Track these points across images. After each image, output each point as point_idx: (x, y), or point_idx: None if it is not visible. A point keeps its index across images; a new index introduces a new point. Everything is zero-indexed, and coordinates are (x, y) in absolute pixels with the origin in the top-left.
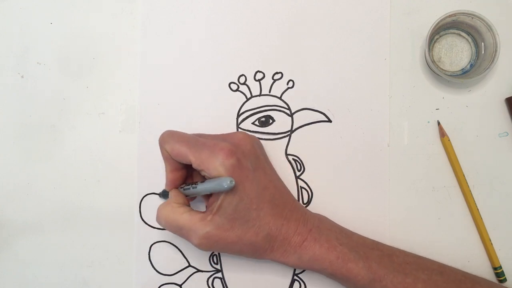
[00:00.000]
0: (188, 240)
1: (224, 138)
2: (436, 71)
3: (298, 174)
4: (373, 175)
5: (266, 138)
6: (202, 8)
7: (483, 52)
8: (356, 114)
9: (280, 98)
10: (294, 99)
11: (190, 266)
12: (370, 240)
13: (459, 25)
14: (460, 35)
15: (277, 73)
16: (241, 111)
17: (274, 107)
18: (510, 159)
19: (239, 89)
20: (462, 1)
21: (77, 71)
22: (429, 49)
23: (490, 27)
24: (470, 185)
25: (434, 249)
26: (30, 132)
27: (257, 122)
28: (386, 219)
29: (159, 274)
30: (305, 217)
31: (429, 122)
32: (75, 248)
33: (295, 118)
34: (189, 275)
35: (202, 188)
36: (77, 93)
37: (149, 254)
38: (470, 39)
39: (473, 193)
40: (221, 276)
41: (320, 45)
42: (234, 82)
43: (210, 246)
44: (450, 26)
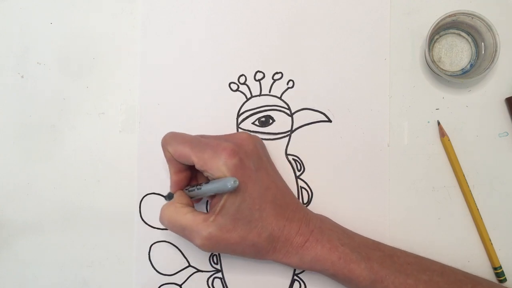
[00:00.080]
0: (190, 241)
1: (226, 138)
2: (436, 71)
3: (298, 174)
4: (373, 175)
5: (266, 138)
6: (202, 8)
7: (483, 52)
8: (356, 114)
9: (280, 98)
10: (294, 99)
11: (190, 266)
12: (371, 240)
13: (459, 25)
14: (460, 35)
15: (277, 73)
16: (241, 111)
17: (274, 107)
18: (510, 159)
19: (239, 89)
20: (462, 1)
21: (77, 71)
22: (429, 49)
23: (490, 27)
24: (470, 185)
25: (434, 249)
26: (30, 132)
27: (257, 122)
28: (386, 219)
29: (159, 274)
30: (307, 217)
31: (429, 122)
32: (75, 248)
33: (295, 118)
34: (189, 275)
35: (206, 189)
36: (77, 93)
37: (149, 254)
38: (470, 39)
39: (473, 193)
40: (221, 276)
41: (320, 45)
42: (234, 82)
43: (212, 247)
44: (450, 26)
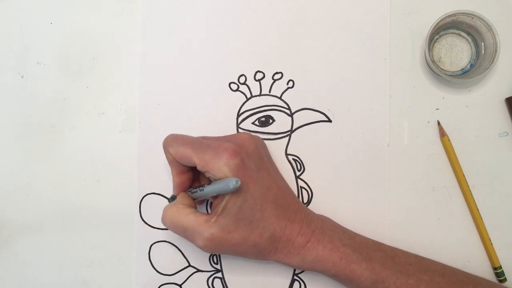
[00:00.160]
0: (192, 242)
1: (228, 139)
2: (436, 71)
3: (298, 174)
4: (373, 175)
5: (266, 138)
6: (202, 8)
7: (483, 52)
8: (356, 114)
9: (280, 98)
10: (294, 99)
11: (190, 266)
12: (372, 241)
13: (459, 25)
14: (460, 35)
15: (277, 73)
16: (241, 111)
17: (274, 107)
18: (510, 159)
19: (239, 89)
20: (462, 1)
21: (77, 71)
22: (429, 49)
23: (490, 27)
24: (470, 185)
25: (434, 249)
26: (30, 132)
27: (257, 122)
28: (386, 219)
29: (159, 274)
30: (308, 218)
31: (429, 122)
32: (75, 248)
33: (295, 118)
34: (189, 275)
35: (209, 189)
36: (77, 93)
37: (149, 254)
38: (470, 39)
39: (473, 193)
40: (221, 276)
41: (320, 45)
42: (234, 82)
43: (215, 248)
44: (450, 26)
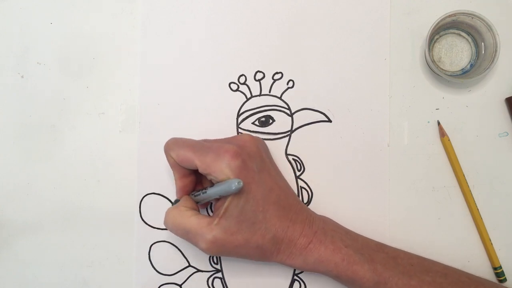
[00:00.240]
0: (195, 244)
1: (229, 141)
2: (436, 71)
3: (298, 174)
4: (373, 175)
5: (266, 138)
6: (202, 8)
7: (483, 52)
8: (356, 114)
9: (280, 98)
10: (294, 99)
11: (190, 266)
12: (374, 242)
13: (459, 25)
14: (460, 35)
15: (277, 73)
16: (241, 111)
17: (274, 107)
18: (510, 159)
19: (239, 89)
20: (462, 1)
21: (77, 71)
22: (429, 49)
23: (490, 27)
24: (470, 185)
25: (434, 249)
26: (30, 132)
27: (257, 122)
28: (386, 219)
29: (159, 274)
30: (310, 219)
31: (429, 122)
32: (75, 248)
33: (295, 118)
34: (189, 275)
35: (212, 192)
36: (77, 93)
37: (149, 254)
38: (470, 39)
39: (473, 193)
40: (221, 276)
41: (320, 45)
42: (234, 82)
43: (217, 250)
44: (450, 26)
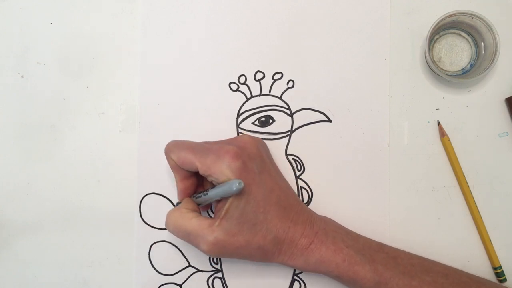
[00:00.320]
0: (196, 246)
1: (229, 142)
2: (436, 71)
3: (298, 174)
4: (373, 175)
5: (266, 138)
6: (202, 8)
7: (483, 52)
8: (356, 114)
9: (280, 98)
10: (294, 99)
11: (190, 266)
12: (375, 242)
13: (459, 25)
14: (460, 35)
15: (277, 73)
16: (241, 111)
17: (274, 107)
18: (510, 159)
19: (239, 89)
20: (462, 1)
21: (77, 71)
22: (429, 49)
23: (490, 27)
24: (470, 185)
25: (434, 249)
26: (30, 132)
27: (257, 122)
28: (386, 219)
29: (159, 274)
30: (311, 219)
31: (429, 122)
32: (75, 248)
33: (295, 118)
34: (189, 275)
35: (213, 193)
36: (77, 93)
37: (149, 254)
38: (470, 39)
39: (473, 193)
40: (221, 276)
41: (320, 45)
42: (234, 82)
43: (219, 252)
44: (450, 26)
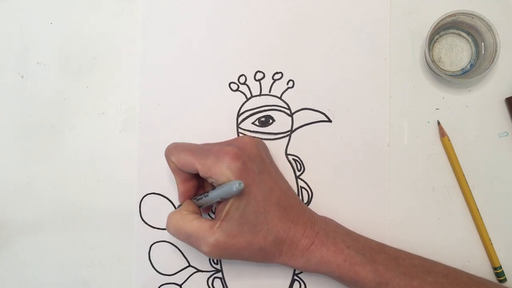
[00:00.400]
0: (197, 248)
1: (229, 143)
2: (436, 71)
3: (298, 174)
4: (373, 175)
5: (266, 138)
6: (202, 8)
7: (483, 52)
8: (356, 114)
9: (280, 98)
10: (294, 99)
11: (190, 266)
12: (376, 242)
13: (459, 25)
14: (460, 35)
15: (277, 73)
16: (241, 111)
17: (274, 107)
18: (510, 159)
19: (239, 89)
20: (462, 1)
21: (77, 71)
22: (429, 49)
23: (490, 27)
24: (470, 185)
25: (434, 249)
26: (30, 132)
27: (257, 122)
28: (386, 219)
29: (159, 274)
30: (311, 220)
31: (429, 122)
32: (75, 248)
33: (295, 118)
34: (189, 275)
35: (213, 195)
36: (77, 93)
37: (149, 254)
38: (470, 39)
39: (473, 193)
40: (221, 276)
41: (320, 45)
42: (234, 82)
43: (220, 253)
44: (450, 26)
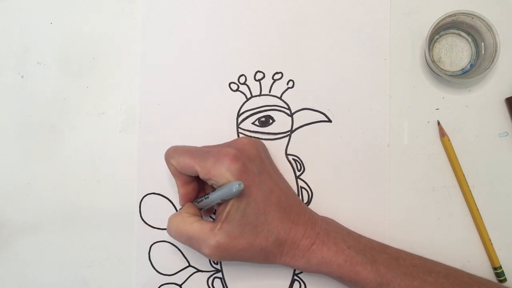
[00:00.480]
0: (198, 250)
1: (228, 144)
2: (436, 71)
3: (298, 174)
4: (373, 175)
5: (266, 138)
6: (202, 8)
7: (483, 52)
8: (356, 114)
9: (280, 98)
10: (294, 99)
11: (190, 266)
12: (377, 242)
13: (459, 25)
14: (460, 35)
15: (277, 73)
16: (241, 111)
17: (274, 107)
18: (510, 159)
19: (239, 89)
20: (462, 1)
21: (77, 71)
22: (429, 49)
23: (490, 27)
24: (470, 185)
25: (434, 249)
26: (30, 132)
27: (257, 122)
28: (386, 219)
29: (159, 274)
30: (312, 220)
31: (429, 122)
32: (75, 248)
33: (295, 118)
34: (189, 275)
35: (214, 196)
36: (77, 93)
37: (149, 254)
38: (470, 39)
39: (473, 193)
40: (221, 276)
41: (320, 45)
42: (234, 82)
43: (221, 255)
44: (450, 26)
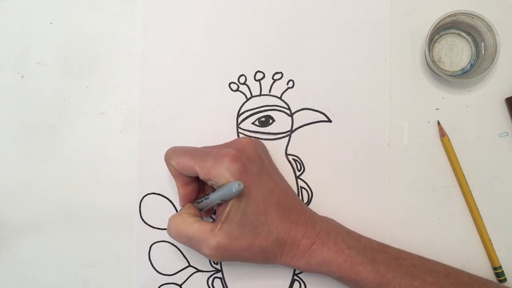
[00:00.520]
0: (199, 251)
1: (227, 145)
2: (436, 71)
3: (298, 174)
4: (373, 175)
5: (266, 138)
6: (202, 8)
7: (483, 52)
8: (356, 114)
9: (280, 98)
10: (294, 99)
11: (190, 266)
12: (377, 242)
13: (459, 25)
14: (460, 35)
15: (277, 73)
16: (241, 111)
17: (274, 107)
18: (510, 159)
19: (239, 89)
20: (462, 1)
21: (77, 71)
22: (429, 49)
23: (490, 27)
24: (470, 185)
25: (434, 249)
26: (30, 132)
27: (257, 122)
28: (386, 219)
29: (159, 274)
30: (312, 220)
31: (429, 122)
32: (75, 248)
33: (295, 118)
34: (189, 275)
35: (213, 197)
36: (77, 93)
37: (149, 254)
38: (470, 39)
39: (473, 193)
40: (221, 276)
41: (320, 45)
42: (234, 82)
43: (221, 255)
44: (450, 26)
